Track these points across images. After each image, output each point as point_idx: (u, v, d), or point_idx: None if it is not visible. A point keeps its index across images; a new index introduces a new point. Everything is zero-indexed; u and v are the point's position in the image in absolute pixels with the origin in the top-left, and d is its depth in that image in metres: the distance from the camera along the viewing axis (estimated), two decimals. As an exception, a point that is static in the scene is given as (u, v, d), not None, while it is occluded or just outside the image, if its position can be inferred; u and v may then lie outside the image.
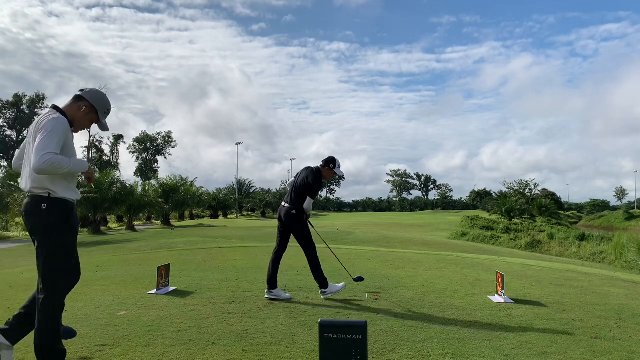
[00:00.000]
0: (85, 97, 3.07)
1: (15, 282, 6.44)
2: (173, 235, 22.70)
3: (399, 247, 16.49)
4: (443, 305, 4.87)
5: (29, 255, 15.33)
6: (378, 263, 8.33)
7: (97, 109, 3.11)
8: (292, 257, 9.03)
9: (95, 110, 3.10)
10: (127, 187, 32.45)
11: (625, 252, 22.18)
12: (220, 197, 60.66)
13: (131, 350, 3.37)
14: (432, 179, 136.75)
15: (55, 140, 2.74)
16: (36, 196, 2.81)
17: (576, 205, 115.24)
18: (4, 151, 62.41)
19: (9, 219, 31.68)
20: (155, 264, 6.82)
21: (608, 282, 6.55)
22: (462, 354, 3.33)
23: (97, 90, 3.15)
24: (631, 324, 4.21)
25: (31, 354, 3.27)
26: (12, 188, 23.04)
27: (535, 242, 33.69)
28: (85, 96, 3.08)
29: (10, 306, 4.82)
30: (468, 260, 9.23)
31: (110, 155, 70.33)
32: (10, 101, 62.37)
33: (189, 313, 4.47)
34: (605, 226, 60.94)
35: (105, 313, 4.46)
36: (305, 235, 5.30)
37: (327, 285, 5.24)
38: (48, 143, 2.69)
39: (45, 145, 2.67)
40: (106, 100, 3.16)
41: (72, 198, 2.96)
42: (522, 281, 6.43)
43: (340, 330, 2.67)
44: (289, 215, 5.32)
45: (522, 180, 74.45)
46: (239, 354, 3.31)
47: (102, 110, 3.14)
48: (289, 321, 4.19)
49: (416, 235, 29.46)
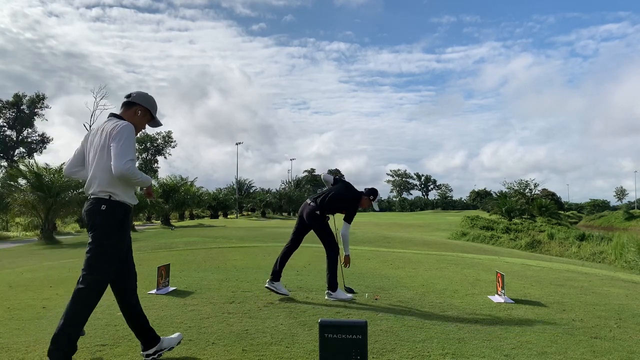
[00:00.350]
0: (137, 102, 3.25)
1: (15, 282, 6.44)
2: (173, 235, 22.70)
3: (399, 247, 16.49)
4: (443, 305, 4.87)
5: (28, 255, 15.33)
6: (378, 263, 8.32)
7: (150, 109, 3.31)
8: (292, 257, 9.02)
9: (148, 110, 3.31)
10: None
11: (625, 252, 22.17)
12: (220, 197, 60.62)
13: (131, 350, 3.37)
14: (432, 179, 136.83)
15: (132, 146, 2.97)
16: (99, 198, 3.01)
17: (576, 205, 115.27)
18: (4, 151, 62.34)
19: (9, 219, 31.65)
20: (155, 264, 6.82)
21: (608, 282, 6.55)
22: (462, 354, 3.33)
23: (143, 92, 3.34)
24: (631, 324, 4.21)
25: (31, 354, 3.28)
26: (12, 188, 23.02)
27: (535, 242, 33.67)
28: (136, 101, 3.25)
29: (10, 306, 4.82)
30: (468, 260, 9.23)
31: (110, 155, 70.30)
32: (10, 101, 62.19)
33: (189, 313, 4.47)
34: (605, 226, 60.92)
35: (105, 313, 4.45)
36: (329, 235, 5.32)
37: (336, 289, 5.22)
38: (126, 150, 2.91)
39: (125, 152, 2.89)
40: (153, 99, 3.36)
41: (130, 202, 3.16)
42: (522, 281, 6.43)
43: (340, 330, 2.67)
44: (313, 215, 5.31)
45: (522, 180, 74.54)
46: (239, 354, 3.31)
47: (153, 109, 3.35)
48: (289, 321, 4.19)
49: (416, 235, 29.45)
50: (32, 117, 64.16)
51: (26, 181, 22.15)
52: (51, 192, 21.37)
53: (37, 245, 19.49)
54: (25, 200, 21.09)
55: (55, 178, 21.99)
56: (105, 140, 3.00)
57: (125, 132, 2.97)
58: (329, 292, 5.21)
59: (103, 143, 3.01)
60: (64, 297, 5.25)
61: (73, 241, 21.79)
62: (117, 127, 3.00)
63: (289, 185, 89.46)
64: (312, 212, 5.33)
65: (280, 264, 5.30)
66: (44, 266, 8.76)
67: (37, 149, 64.92)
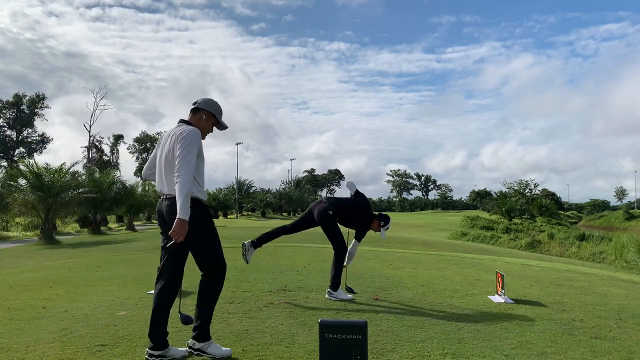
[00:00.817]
0: (202, 107, 3.48)
1: (15, 282, 6.44)
2: (173, 235, 22.67)
3: (399, 247, 16.47)
4: (443, 305, 4.87)
5: (28, 255, 15.33)
6: (378, 263, 8.32)
7: (215, 113, 3.52)
8: (292, 257, 9.03)
9: (212, 115, 3.51)
10: (127, 187, 32.44)
11: (625, 252, 22.16)
12: (220, 197, 60.62)
13: (131, 350, 3.37)
14: (432, 179, 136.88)
15: (194, 150, 3.20)
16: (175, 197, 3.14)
17: (576, 205, 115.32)
18: (4, 151, 62.32)
19: (9, 219, 31.64)
20: (155, 264, 6.81)
21: (608, 282, 6.55)
22: (462, 354, 3.32)
23: (208, 98, 3.57)
24: (631, 324, 4.21)
25: (31, 354, 3.28)
26: (12, 188, 23.01)
27: (535, 242, 33.69)
28: (201, 107, 3.48)
29: (10, 306, 4.82)
30: (468, 260, 9.23)
31: (110, 155, 70.26)
32: (10, 101, 62.16)
33: (189, 313, 4.46)
34: (605, 226, 60.91)
35: (105, 313, 4.46)
36: (339, 235, 5.33)
37: (338, 289, 5.24)
38: (188, 152, 3.16)
39: (187, 157, 3.14)
40: (217, 104, 3.57)
41: (204, 198, 3.37)
42: (522, 281, 6.43)
43: (340, 330, 2.67)
44: (325, 214, 5.31)
45: (522, 180, 74.51)
46: (239, 354, 3.31)
47: (218, 113, 3.55)
48: (289, 321, 4.19)
49: (416, 235, 29.46)
50: (32, 117, 64.12)
51: (26, 181, 22.13)
52: (51, 192, 21.37)
53: (37, 245, 19.49)
54: (25, 200, 21.08)
55: (55, 178, 21.98)
56: (173, 144, 3.25)
57: (190, 137, 3.21)
58: (329, 292, 5.21)
59: (171, 146, 3.26)
60: (63, 297, 5.25)
61: (73, 241, 21.80)
62: (184, 132, 3.24)
63: (289, 185, 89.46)
64: (325, 211, 5.32)
65: (268, 235, 5.37)
66: (44, 266, 8.77)
67: (37, 149, 64.93)
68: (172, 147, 3.25)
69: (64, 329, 3.91)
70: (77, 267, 8.04)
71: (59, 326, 4.00)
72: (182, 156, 3.13)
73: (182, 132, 3.25)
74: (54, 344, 3.49)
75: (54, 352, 3.31)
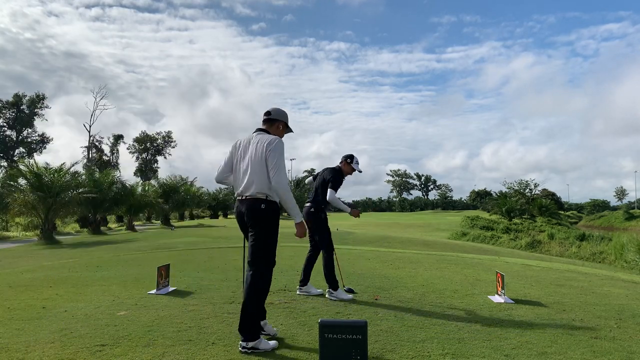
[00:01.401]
0: (277, 118, 3.89)
1: (15, 282, 6.43)
2: (173, 235, 22.68)
3: (399, 247, 16.48)
4: (443, 305, 4.87)
5: (28, 255, 15.33)
6: (378, 263, 8.32)
7: (286, 122, 3.97)
8: (292, 257, 9.02)
9: (286, 124, 3.97)
10: (127, 187, 32.44)
11: (625, 252, 22.15)
12: (220, 197, 60.59)
13: (131, 350, 3.37)
14: (432, 179, 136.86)
15: (284, 158, 3.67)
16: (257, 199, 3.60)
17: (576, 205, 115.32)
18: (4, 151, 62.27)
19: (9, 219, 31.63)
20: (155, 264, 6.82)
21: (608, 282, 6.55)
22: (462, 354, 3.32)
23: (278, 108, 3.95)
24: (631, 324, 4.21)
25: (31, 354, 3.28)
26: (12, 188, 23.00)
27: (535, 242, 33.66)
28: (276, 117, 3.89)
29: (10, 306, 4.82)
30: (468, 260, 9.23)
31: (110, 155, 70.20)
32: (10, 101, 62.12)
33: (189, 313, 4.47)
34: (605, 226, 60.90)
35: (105, 313, 4.45)
36: (324, 234, 5.36)
37: (337, 288, 5.25)
38: (282, 164, 3.61)
39: (281, 165, 3.60)
40: (285, 112, 3.99)
41: (278, 201, 3.72)
42: (522, 281, 6.43)
43: (340, 330, 2.67)
44: (308, 213, 5.39)
45: (522, 180, 74.43)
46: (239, 354, 3.31)
47: (288, 121, 4.00)
48: (289, 321, 4.19)
49: (416, 235, 29.45)
50: (32, 117, 64.10)
51: (26, 181, 22.13)
52: (51, 192, 21.37)
53: (37, 245, 19.48)
54: (25, 200, 21.08)
55: (55, 178, 21.98)
56: (262, 152, 3.61)
57: (280, 148, 3.64)
58: (330, 291, 5.22)
59: (260, 154, 3.62)
60: (63, 297, 5.25)
61: (73, 241, 21.79)
62: (274, 143, 3.64)
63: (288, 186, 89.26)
64: (308, 211, 5.40)
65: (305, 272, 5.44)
66: (44, 266, 8.76)
67: (37, 149, 64.91)
68: (260, 155, 3.61)
69: (64, 329, 3.91)
70: (77, 267, 8.04)
71: (59, 326, 4.00)
72: (278, 166, 3.57)
73: (270, 142, 3.63)
74: (54, 344, 3.49)
75: (54, 352, 3.31)
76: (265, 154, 3.59)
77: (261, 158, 3.60)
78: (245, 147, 3.74)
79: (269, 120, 3.87)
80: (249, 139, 3.77)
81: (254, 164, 3.62)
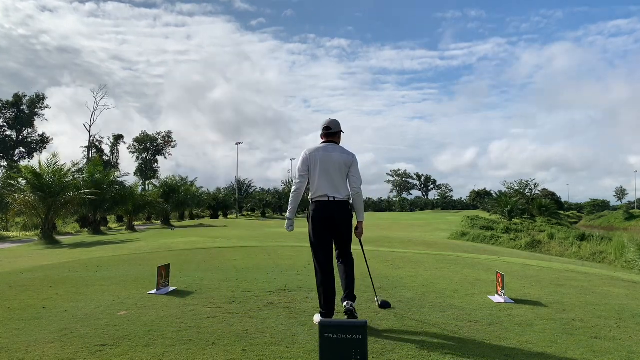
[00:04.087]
0: (340, 130, 4.44)
1: (15, 282, 6.43)
2: (173, 235, 22.69)
3: (399, 247, 16.47)
4: (443, 305, 4.87)
5: (28, 255, 15.33)
6: (378, 263, 8.32)
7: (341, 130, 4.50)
8: (292, 257, 9.03)
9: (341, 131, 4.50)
10: (127, 187, 32.47)
11: (625, 252, 22.14)
12: (220, 197, 60.61)
13: (131, 350, 3.37)
14: (432, 179, 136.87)
15: None
16: (346, 201, 4.29)
17: (576, 205, 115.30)
18: (4, 151, 62.27)
19: (9, 219, 31.64)
20: (155, 264, 6.82)
21: (608, 282, 6.55)
22: (462, 354, 3.32)
23: (333, 120, 4.44)
24: (631, 324, 4.21)
25: (31, 354, 3.28)
26: (12, 188, 23.01)
27: (535, 242, 33.62)
28: (337, 130, 4.42)
29: (10, 306, 4.82)
30: (468, 260, 9.23)
31: (110, 155, 70.22)
32: (10, 101, 62.19)
33: (189, 313, 4.47)
34: (606, 226, 60.92)
35: (105, 313, 4.45)
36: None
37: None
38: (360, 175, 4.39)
39: (360, 176, 4.38)
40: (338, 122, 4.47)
41: None
42: (522, 281, 6.43)
43: (340, 330, 2.67)
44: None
45: (522, 180, 74.40)
46: (239, 354, 3.30)
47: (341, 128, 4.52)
48: (289, 321, 4.19)
49: (416, 235, 29.45)
50: (32, 117, 64.12)
51: (26, 181, 22.13)
52: (51, 192, 21.37)
53: (37, 245, 19.48)
54: (25, 200, 21.09)
55: (55, 178, 21.98)
56: (344, 164, 4.27)
57: (358, 162, 4.38)
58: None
59: (343, 165, 4.27)
60: (63, 297, 5.25)
61: (73, 241, 21.79)
62: (353, 157, 4.36)
63: (288, 186, 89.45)
64: None
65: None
66: (44, 266, 8.77)
67: (37, 149, 64.91)
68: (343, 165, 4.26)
69: (64, 329, 3.92)
70: (77, 267, 8.04)
71: (59, 326, 4.00)
72: (359, 177, 4.35)
73: (350, 155, 4.33)
74: (54, 344, 3.49)
75: (54, 352, 3.31)
76: (348, 165, 4.27)
77: (345, 167, 4.26)
78: (323, 158, 4.25)
79: (334, 134, 4.39)
80: (324, 150, 4.27)
81: (339, 172, 4.25)
